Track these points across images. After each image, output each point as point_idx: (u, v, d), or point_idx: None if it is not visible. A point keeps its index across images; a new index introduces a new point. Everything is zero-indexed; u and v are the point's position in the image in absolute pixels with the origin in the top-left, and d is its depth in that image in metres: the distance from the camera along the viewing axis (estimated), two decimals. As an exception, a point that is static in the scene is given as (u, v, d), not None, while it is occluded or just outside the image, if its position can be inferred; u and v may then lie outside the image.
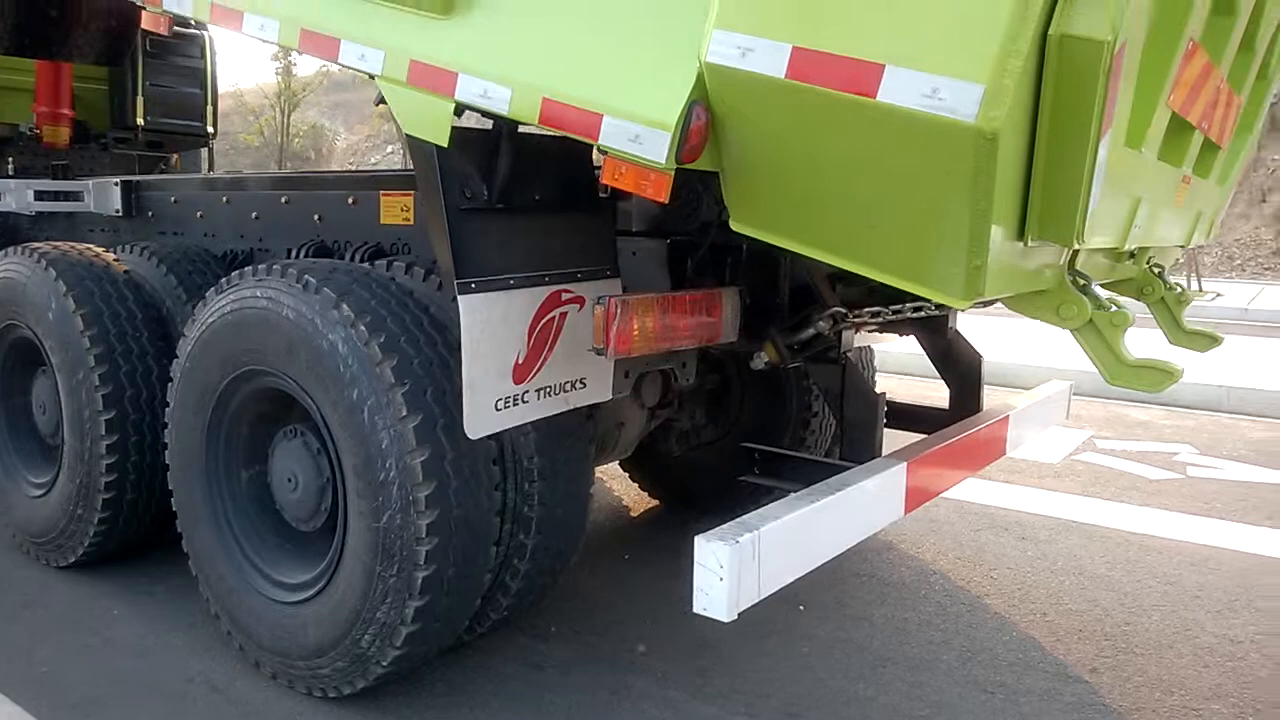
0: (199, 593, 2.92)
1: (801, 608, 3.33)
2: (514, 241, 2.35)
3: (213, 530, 2.81)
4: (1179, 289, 3.00)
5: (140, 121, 6.34)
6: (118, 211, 4.21)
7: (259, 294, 2.57)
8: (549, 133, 2.03)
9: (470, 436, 2.23)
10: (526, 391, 2.35)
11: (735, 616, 1.93)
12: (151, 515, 3.36)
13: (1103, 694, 2.82)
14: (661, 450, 3.75)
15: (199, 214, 3.92)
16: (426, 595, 2.33)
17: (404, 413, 2.28)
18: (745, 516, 2.06)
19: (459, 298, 2.17)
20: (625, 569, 3.71)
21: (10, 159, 5.64)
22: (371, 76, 2.27)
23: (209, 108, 6.75)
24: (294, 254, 3.28)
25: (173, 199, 4.07)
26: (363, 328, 2.33)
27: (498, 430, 2.29)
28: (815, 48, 1.62)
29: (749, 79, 1.69)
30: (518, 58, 2.01)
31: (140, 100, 6.31)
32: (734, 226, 1.96)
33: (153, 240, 3.88)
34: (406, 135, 2.22)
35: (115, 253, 3.65)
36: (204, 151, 7.07)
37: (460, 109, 2.09)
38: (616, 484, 4.66)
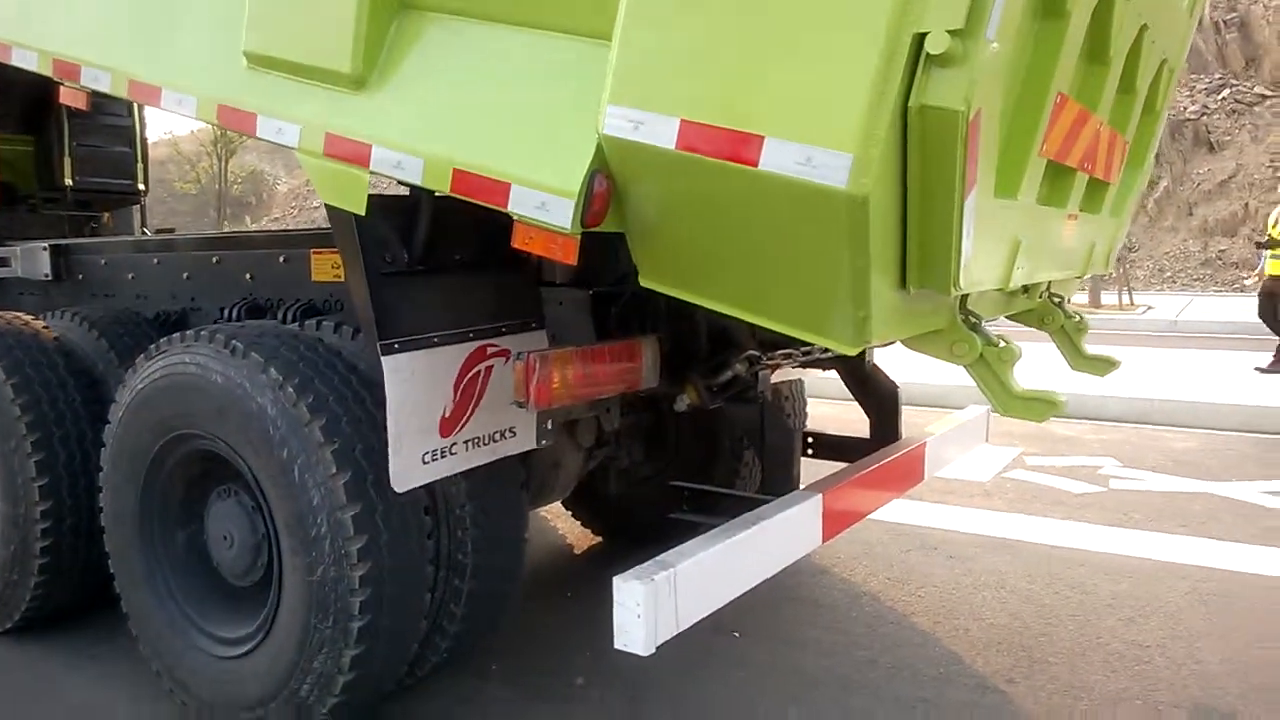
0: (140, 652, 2.94)
1: (737, 634, 3.43)
2: (436, 300, 2.45)
3: (150, 590, 2.84)
4: (1077, 318, 3.17)
5: (69, 182, 6.27)
6: (47, 276, 4.21)
7: (188, 359, 2.63)
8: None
9: (398, 490, 2.30)
10: (454, 444, 2.44)
11: (653, 650, 2.03)
12: (88, 578, 3.36)
13: (1017, 702, 2.96)
14: (601, 488, 3.85)
15: (130, 275, 3.94)
16: (362, 644, 2.40)
17: (333, 470, 2.35)
18: (662, 555, 2.16)
19: (382, 358, 2.25)
20: (567, 605, 3.79)
21: None
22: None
23: (139, 164, 6.71)
24: (226, 313, 3.33)
25: (103, 261, 4.09)
26: (290, 389, 2.40)
27: (425, 483, 2.37)
28: (701, 120, 1.74)
29: (642, 149, 1.81)
30: (429, 130, 2.11)
31: (68, 161, 6.26)
32: (643, 283, 2.07)
33: (84, 303, 3.90)
34: (326, 205, 2.31)
35: (45, 319, 3.66)
36: (135, 209, 7.05)
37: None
38: (560, 522, 4.74)
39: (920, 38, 1.57)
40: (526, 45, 2.02)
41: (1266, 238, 9.13)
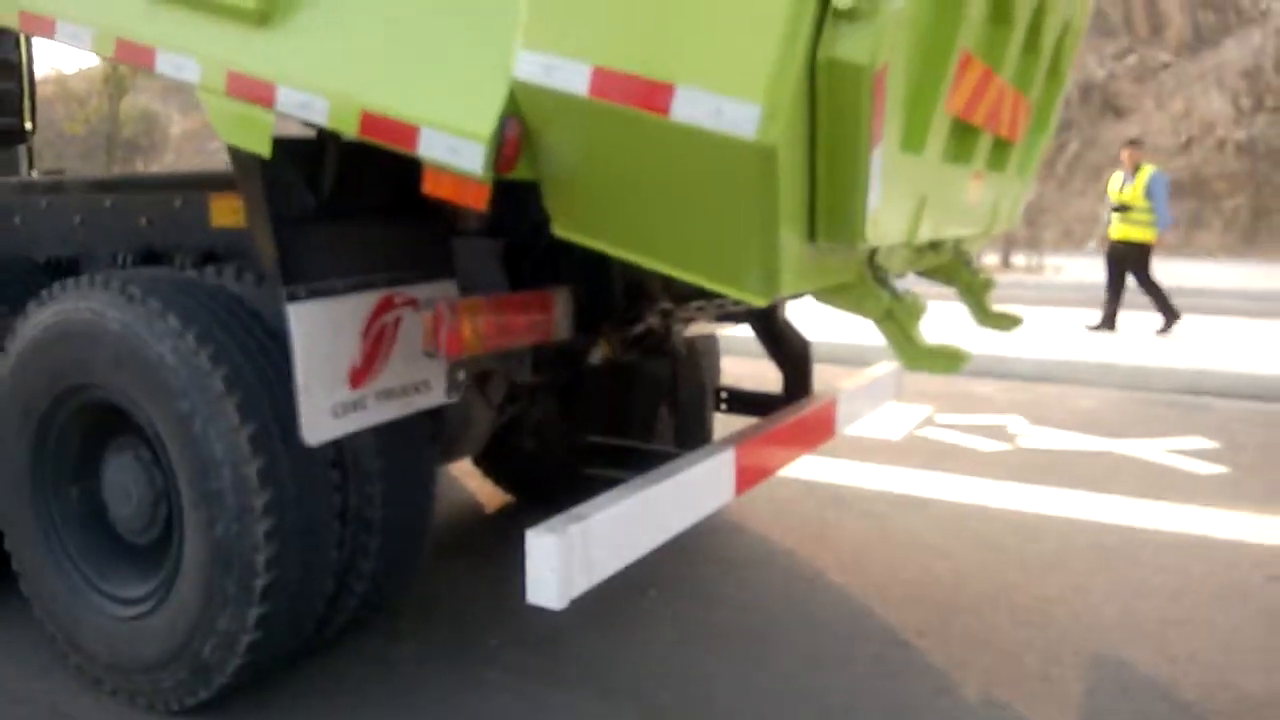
0: (33, 614, 2.84)
1: (652, 591, 3.46)
2: (343, 248, 2.38)
3: (44, 548, 2.74)
4: (983, 275, 3.25)
5: None
6: None
7: (82, 306, 2.52)
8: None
9: (309, 443, 2.26)
10: (365, 396, 2.39)
11: (567, 604, 2.04)
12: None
13: (926, 655, 3.04)
14: (513, 445, 3.82)
15: (16, 220, 3.74)
16: (267, 602, 2.35)
17: (236, 422, 2.29)
18: (575, 508, 2.16)
19: (287, 306, 2.19)
20: (478, 564, 3.77)
21: None
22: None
23: (26, 102, 6.38)
24: (120, 259, 3.19)
25: None
26: (191, 338, 2.32)
27: (336, 436, 2.33)
28: (613, 67, 1.72)
29: (555, 95, 1.78)
30: (336, 70, 2.04)
31: None
32: (556, 231, 2.05)
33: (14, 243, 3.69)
34: (228, 145, 2.22)
35: None
36: (21, 149, 6.70)
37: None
38: (471, 481, 4.70)
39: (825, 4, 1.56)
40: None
41: (1118, 201, 9.42)
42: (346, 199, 2.38)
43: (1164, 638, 3.14)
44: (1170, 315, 9.39)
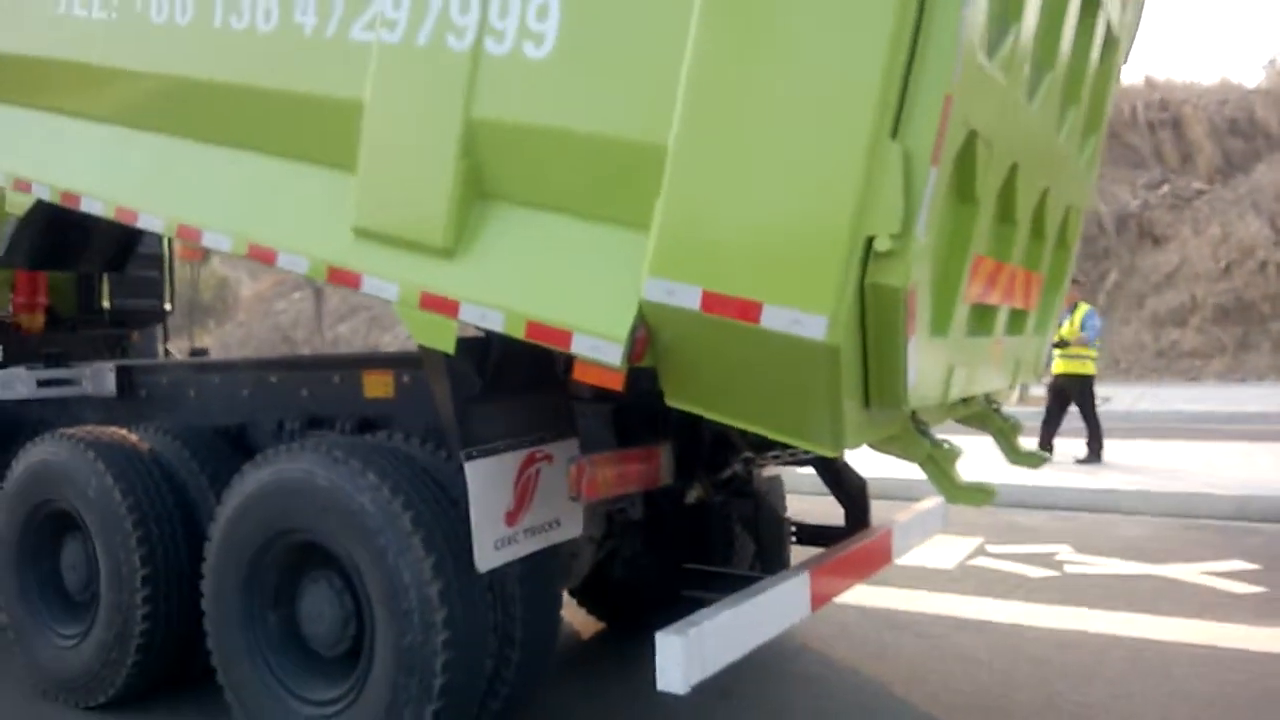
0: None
1: (733, 699, 3.96)
2: (500, 416, 3.08)
3: (249, 663, 3.38)
4: (1012, 420, 3.86)
5: (106, 304, 6.91)
6: (112, 393, 4.80)
7: (294, 466, 3.24)
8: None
9: (480, 570, 2.90)
10: (517, 533, 3.04)
11: (689, 689, 2.62)
12: (178, 658, 3.88)
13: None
14: (606, 576, 4.42)
15: (192, 393, 4.54)
16: (442, 699, 2.95)
17: (421, 554, 2.95)
18: (690, 616, 2.76)
19: (465, 464, 2.88)
20: (583, 679, 4.32)
21: None
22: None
23: (167, 287, 7.37)
24: (286, 426, 3.93)
25: (165, 380, 4.69)
26: (386, 490, 3.02)
27: (498, 565, 2.97)
28: (717, 290, 2.42)
29: (674, 310, 2.48)
30: (508, 291, 2.78)
31: (106, 285, 6.90)
32: (668, 402, 2.73)
33: (147, 418, 4.42)
34: (419, 344, 2.96)
35: (137, 432, 4.24)
36: (159, 326, 7.67)
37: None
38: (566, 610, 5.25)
39: (870, 239, 2.26)
40: (583, 229, 2.70)
41: (1058, 338, 9.90)
42: (502, 380, 3.10)
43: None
44: (1097, 450, 9.78)
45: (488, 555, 2.92)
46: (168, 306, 7.36)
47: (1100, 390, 16.98)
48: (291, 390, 4.10)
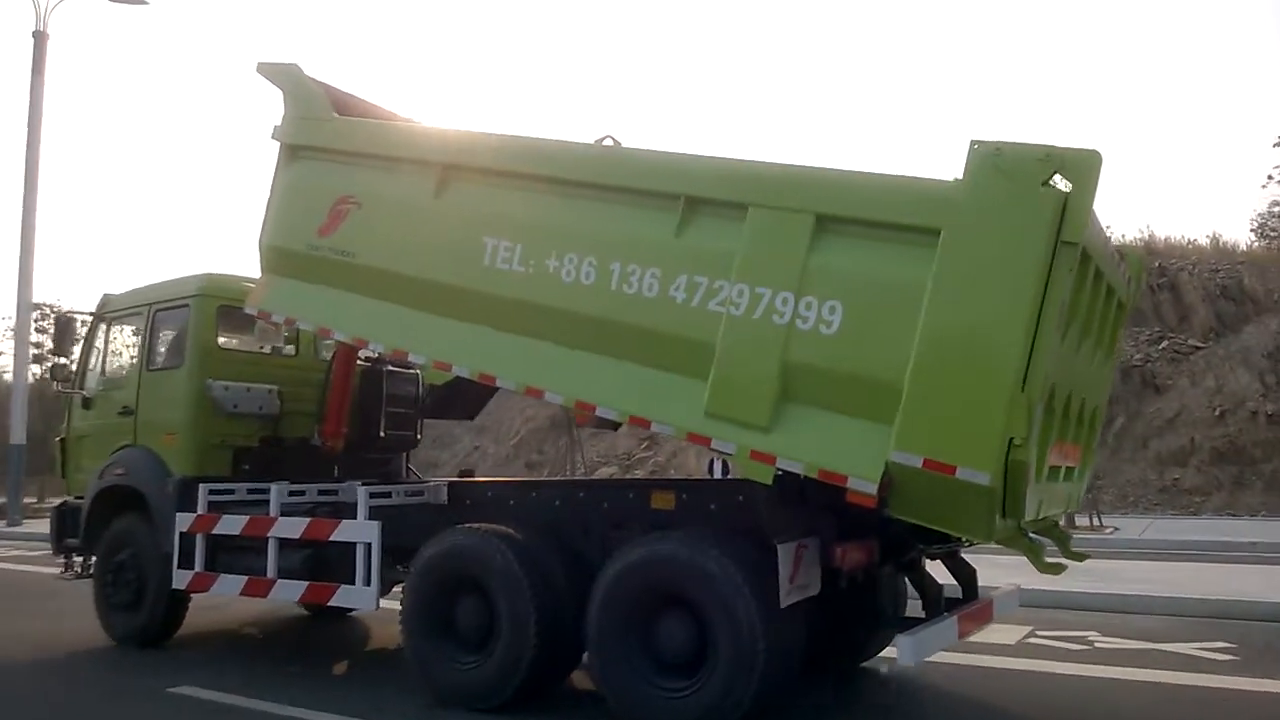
0: (608, 708, 5.77)
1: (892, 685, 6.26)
2: (790, 517, 5.50)
3: (625, 667, 5.70)
4: (1064, 530, 6.29)
5: (383, 434, 9.33)
6: (444, 503, 7.23)
7: (660, 548, 5.65)
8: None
9: (782, 606, 5.28)
10: (795, 588, 5.42)
11: (915, 663, 5.00)
12: (551, 673, 6.20)
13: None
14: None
15: (511, 503, 6.97)
16: (760, 684, 5.28)
17: (749, 597, 5.31)
18: (911, 629, 5.16)
19: (778, 546, 5.29)
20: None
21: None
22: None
23: (419, 420, 9.82)
24: (590, 528, 6.30)
25: (490, 494, 7.14)
26: (727, 559, 5.41)
27: (789, 603, 5.33)
28: (930, 456, 4.87)
29: (906, 467, 4.92)
30: (807, 448, 5.22)
31: (383, 419, 9.34)
32: (893, 514, 5.14)
33: (467, 522, 6.70)
34: (743, 473, 5.40)
35: (513, 530, 6.56)
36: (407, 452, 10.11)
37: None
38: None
39: (1011, 438, 4.73)
40: (851, 420, 5.15)
41: None
42: (791, 497, 5.51)
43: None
44: None
45: (786, 599, 5.30)
46: (418, 436, 9.82)
47: (1109, 521, 19.26)
48: (595, 503, 6.54)
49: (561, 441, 30.39)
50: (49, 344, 25.98)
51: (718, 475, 14.60)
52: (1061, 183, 4.79)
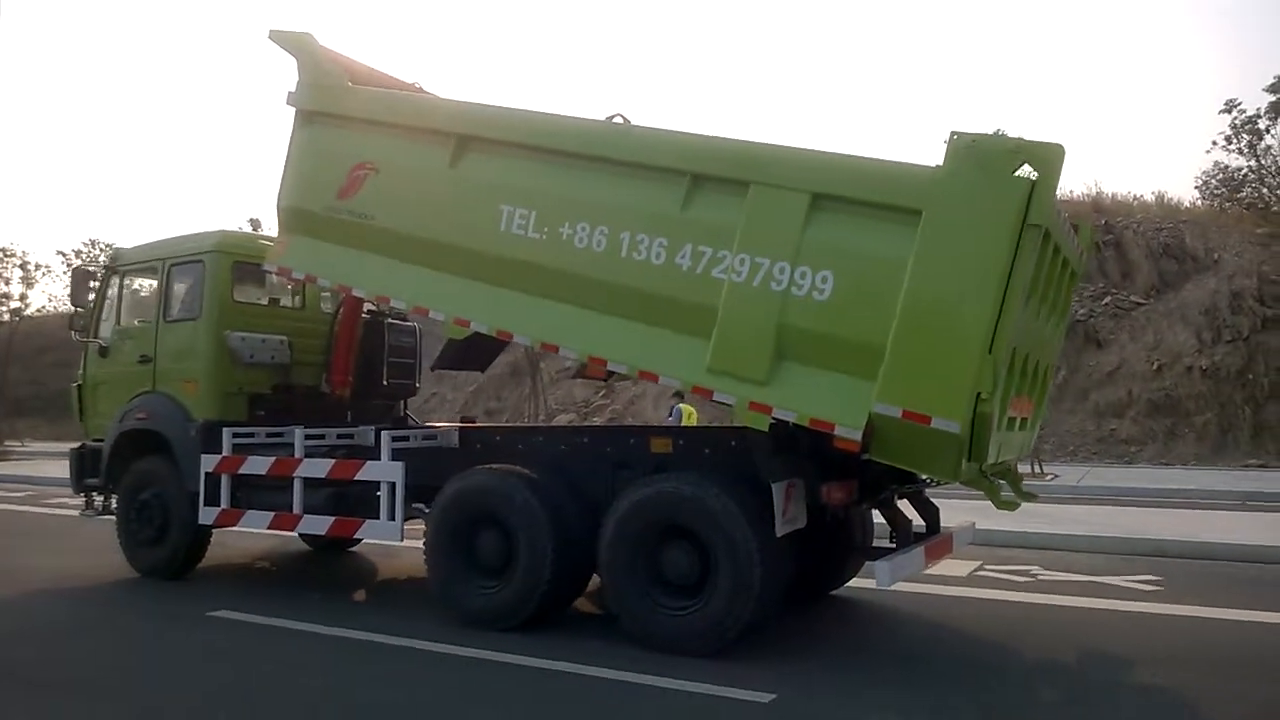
0: (620, 626, 6.54)
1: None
2: (782, 461, 6.26)
3: (634, 594, 6.46)
4: (1018, 475, 7.15)
5: (385, 383, 9.95)
6: (455, 446, 7.91)
7: (665, 486, 6.39)
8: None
9: (778, 535, 6.06)
10: (786, 521, 6.20)
11: (890, 584, 5.85)
12: (564, 597, 6.96)
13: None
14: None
15: (519, 447, 7.68)
16: (755, 604, 6.07)
17: (746, 529, 6.08)
18: (886, 555, 5.99)
19: (772, 484, 6.06)
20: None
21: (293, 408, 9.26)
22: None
23: (418, 369, 10.43)
24: (599, 473, 7.02)
25: (498, 439, 7.84)
26: (726, 497, 6.16)
27: (783, 534, 6.12)
28: (909, 408, 5.64)
29: (885, 419, 5.69)
30: (799, 403, 5.97)
31: (385, 369, 9.94)
32: (873, 456, 5.92)
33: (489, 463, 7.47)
34: (742, 422, 6.14)
35: (528, 470, 7.25)
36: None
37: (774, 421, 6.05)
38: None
39: (979, 393, 5.51)
40: (839, 376, 5.88)
41: None
42: (784, 443, 6.26)
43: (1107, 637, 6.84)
44: None
45: (780, 529, 6.09)
46: (417, 385, 10.45)
47: (1049, 468, 20.47)
48: (600, 447, 7.27)
49: (522, 389, 31.09)
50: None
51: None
52: (1029, 171, 5.52)
